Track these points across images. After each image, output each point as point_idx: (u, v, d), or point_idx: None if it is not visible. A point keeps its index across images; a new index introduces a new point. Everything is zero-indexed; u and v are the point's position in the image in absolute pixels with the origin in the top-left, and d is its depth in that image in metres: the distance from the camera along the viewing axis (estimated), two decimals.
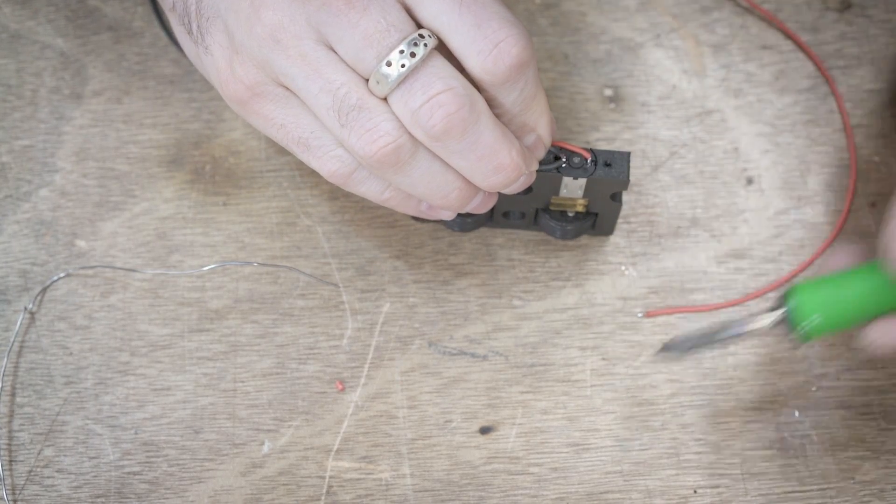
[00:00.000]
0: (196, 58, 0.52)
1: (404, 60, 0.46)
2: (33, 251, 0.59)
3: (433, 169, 0.49)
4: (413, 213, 0.53)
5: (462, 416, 0.56)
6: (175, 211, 0.60)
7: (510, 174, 0.49)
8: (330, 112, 0.47)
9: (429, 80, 0.46)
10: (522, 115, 0.49)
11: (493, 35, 0.46)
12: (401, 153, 0.47)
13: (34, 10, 0.64)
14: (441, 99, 0.46)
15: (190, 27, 0.51)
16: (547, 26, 0.64)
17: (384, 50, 0.46)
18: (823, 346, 0.57)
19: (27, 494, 0.54)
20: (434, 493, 0.54)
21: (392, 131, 0.47)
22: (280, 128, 0.50)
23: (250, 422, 0.56)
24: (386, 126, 0.47)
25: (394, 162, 0.48)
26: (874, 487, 0.55)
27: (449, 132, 0.46)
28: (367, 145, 0.47)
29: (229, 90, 0.50)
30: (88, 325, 0.57)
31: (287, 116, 0.50)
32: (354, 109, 0.47)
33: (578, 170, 0.53)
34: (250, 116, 0.50)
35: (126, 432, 0.55)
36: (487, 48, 0.46)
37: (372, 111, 0.47)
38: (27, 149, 0.61)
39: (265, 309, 0.58)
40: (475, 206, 0.52)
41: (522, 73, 0.47)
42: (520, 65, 0.46)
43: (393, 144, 0.47)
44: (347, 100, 0.47)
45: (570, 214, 0.57)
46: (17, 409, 0.56)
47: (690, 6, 0.65)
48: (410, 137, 0.47)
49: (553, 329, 0.58)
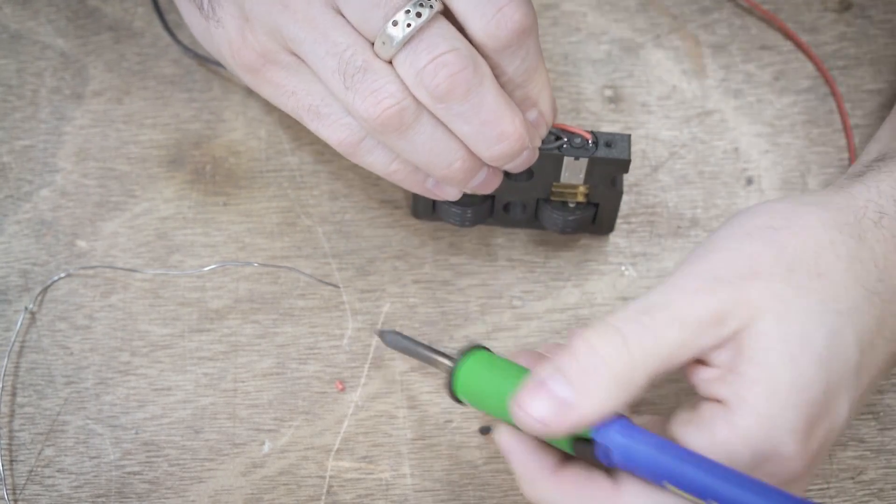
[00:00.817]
0: (206, 34, 0.52)
1: (410, 20, 0.46)
2: (34, 251, 0.59)
3: (436, 135, 0.49)
4: (420, 190, 0.53)
5: (462, 416, 0.56)
6: (175, 211, 0.60)
7: (513, 144, 0.49)
8: (335, 75, 0.48)
9: (433, 40, 0.47)
10: (525, 86, 0.49)
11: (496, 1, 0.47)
12: (404, 116, 0.48)
13: (35, 11, 0.64)
14: (445, 59, 0.46)
15: (201, 3, 0.52)
16: (547, 26, 0.64)
17: (390, 10, 0.46)
18: None
19: (28, 494, 0.54)
20: (434, 492, 0.55)
21: (396, 93, 0.47)
22: (291, 95, 0.51)
23: (251, 422, 0.56)
24: (390, 88, 0.47)
25: (397, 125, 0.48)
26: (874, 487, 0.55)
27: (452, 92, 0.47)
28: (370, 107, 0.47)
29: (241, 59, 0.50)
30: (89, 325, 0.57)
31: (298, 83, 0.50)
32: (359, 71, 0.47)
33: (580, 149, 0.53)
34: (262, 85, 0.51)
35: (126, 432, 0.55)
36: (490, 12, 0.47)
37: (377, 73, 0.47)
38: (28, 149, 0.61)
39: (265, 309, 0.58)
40: (479, 184, 0.52)
41: (524, 40, 0.47)
42: (522, 30, 0.47)
43: (396, 106, 0.47)
44: (353, 62, 0.47)
45: (570, 205, 0.57)
46: (17, 408, 0.56)
47: (690, 7, 0.65)
48: (414, 100, 0.48)
49: (553, 329, 0.58)
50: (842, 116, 0.62)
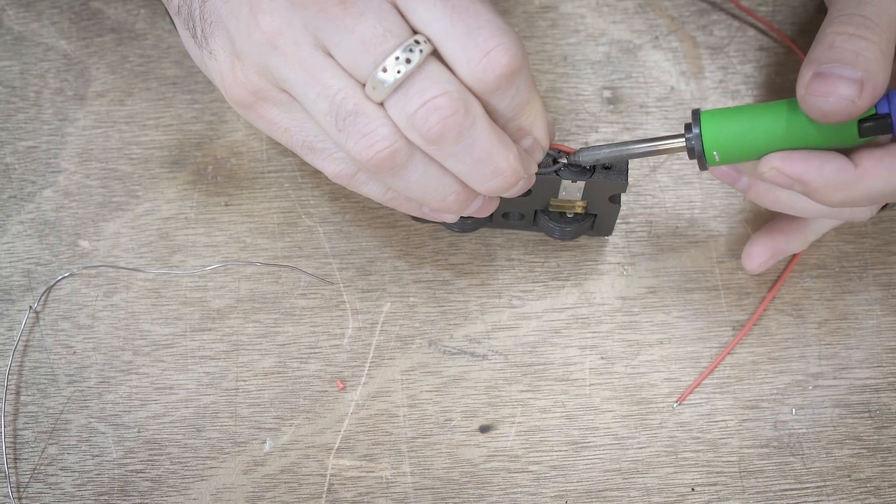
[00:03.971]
0: (201, 62, 0.52)
1: (400, 66, 0.46)
2: (37, 251, 0.59)
3: (430, 173, 0.49)
4: (416, 213, 0.53)
5: (462, 414, 0.56)
6: (177, 211, 0.60)
7: (508, 179, 0.49)
8: (328, 118, 0.48)
9: (424, 84, 0.46)
10: (517, 119, 0.49)
11: (483, 44, 0.46)
12: (397, 157, 0.48)
13: (38, 13, 0.64)
14: (437, 103, 0.46)
15: (195, 31, 0.51)
16: (546, 28, 0.65)
17: (381, 56, 0.46)
18: (821, 345, 0.58)
19: (31, 492, 0.54)
20: (434, 490, 0.55)
21: (388, 136, 0.47)
22: (285, 131, 0.50)
23: (252, 420, 0.56)
24: (382, 131, 0.47)
25: (390, 166, 0.48)
26: (870, 485, 0.55)
27: (445, 135, 0.47)
28: (363, 150, 0.47)
29: (233, 95, 0.50)
30: (92, 325, 0.58)
31: (291, 121, 0.50)
32: (351, 115, 0.47)
33: (577, 173, 0.53)
34: (255, 121, 0.51)
35: (129, 431, 0.56)
36: (477, 57, 0.46)
37: (368, 116, 0.47)
38: (31, 150, 0.61)
39: (267, 308, 0.58)
40: (475, 211, 0.52)
41: (513, 81, 0.47)
42: (510, 73, 0.46)
43: (389, 149, 0.47)
44: (344, 105, 0.47)
45: (569, 215, 0.57)
46: (21, 407, 0.56)
47: (688, 8, 0.65)
48: (407, 142, 0.48)
49: (552, 328, 0.58)
50: None
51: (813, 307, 0.59)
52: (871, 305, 0.59)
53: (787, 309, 0.58)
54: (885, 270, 0.59)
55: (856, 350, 0.58)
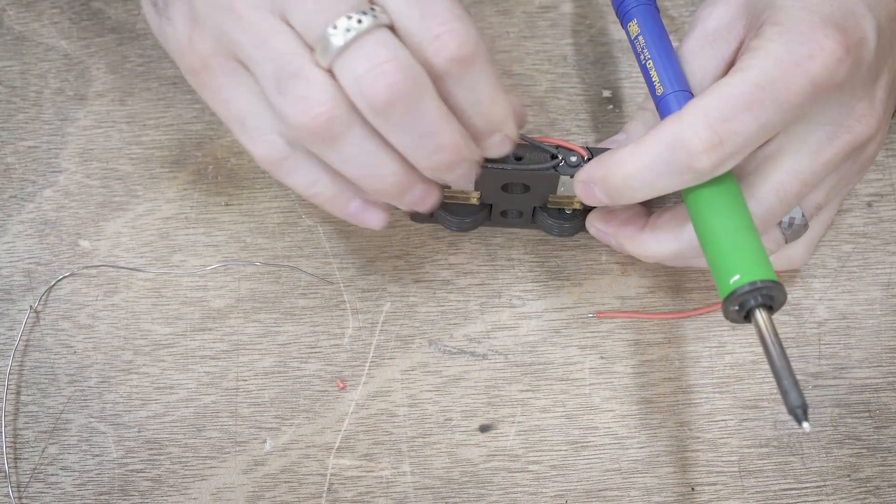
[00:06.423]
0: (159, 29, 0.51)
1: (350, 26, 0.45)
2: (37, 251, 0.59)
3: (368, 148, 0.48)
4: (343, 214, 0.51)
5: (462, 414, 0.56)
6: (178, 211, 0.60)
7: (451, 155, 0.48)
8: (271, 80, 0.47)
9: (375, 48, 0.45)
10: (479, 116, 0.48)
11: (435, 27, 0.45)
12: (333, 125, 0.46)
13: (38, 13, 0.65)
14: (386, 68, 0.45)
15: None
16: (546, 28, 0.65)
17: (333, 16, 0.45)
18: (820, 345, 0.58)
19: (32, 492, 0.54)
20: (434, 490, 0.55)
21: (326, 101, 0.46)
22: (224, 102, 0.50)
23: (252, 420, 0.56)
24: (321, 97, 0.46)
25: (326, 134, 0.47)
26: (870, 485, 0.55)
27: (392, 104, 0.45)
28: (299, 114, 0.46)
29: (186, 61, 0.50)
30: (92, 325, 0.58)
31: (233, 91, 0.49)
32: (293, 77, 0.46)
33: (575, 168, 0.53)
34: (202, 89, 0.50)
35: (129, 430, 0.56)
36: (428, 39, 0.46)
37: (310, 80, 0.46)
38: (31, 150, 0.61)
39: (267, 308, 0.58)
40: (414, 200, 0.50)
41: (464, 69, 0.46)
42: (459, 59, 0.46)
43: (326, 115, 0.46)
44: (287, 67, 0.46)
45: (567, 212, 0.57)
46: (21, 407, 0.56)
47: (688, 8, 0.65)
48: (346, 110, 0.46)
49: (552, 328, 0.58)
50: None
51: (812, 307, 0.59)
52: (870, 305, 0.59)
53: (787, 308, 0.58)
54: (885, 270, 0.59)
55: (855, 350, 0.58)
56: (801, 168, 0.50)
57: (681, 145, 0.47)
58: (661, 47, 0.53)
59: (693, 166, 0.48)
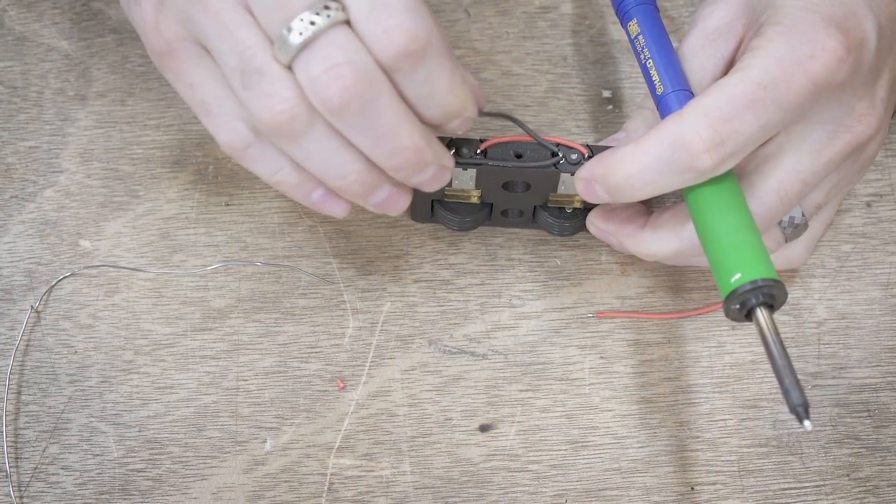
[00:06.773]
0: (128, 9, 0.51)
1: (304, 28, 0.45)
2: (38, 251, 0.59)
3: (331, 145, 0.47)
4: (305, 201, 0.51)
5: (462, 413, 0.56)
6: (178, 211, 0.60)
7: (409, 157, 0.48)
8: (235, 74, 0.47)
9: (330, 50, 0.45)
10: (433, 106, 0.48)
11: (384, 20, 0.45)
12: (295, 123, 0.46)
13: (39, 13, 0.65)
14: (339, 71, 0.45)
15: None
16: (546, 28, 0.65)
17: (290, 14, 0.45)
18: (819, 344, 0.58)
19: (32, 491, 0.55)
20: (434, 489, 0.55)
21: (289, 99, 0.46)
22: (188, 87, 0.49)
23: (252, 420, 0.56)
24: (283, 93, 0.46)
25: (288, 131, 0.47)
26: (869, 484, 0.55)
27: (346, 107, 0.45)
28: (263, 111, 0.46)
29: (153, 43, 0.49)
30: (93, 324, 0.58)
31: (197, 76, 0.49)
32: (256, 73, 0.46)
33: (576, 166, 0.54)
34: (167, 72, 0.50)
35: (130, 430, 0.56)
36: (376, 33, 0.45)
37: (272, 77, 0.46)
38: (32, 150, 0.61)
39: (267, 308, 0.58)
40: (382, 202, 0.50)
41: (416, 63, 0.46)
42: (408, 54, 0.45)
43: (288, 113, 0.46)
44: (251, 62, 0.46)
45: (568, 211, 0.57)
46: (22, 406, 0.56)
47: (688, 9, 0.65)
48: (308, 108, 0.46)
49: (552, 328, 0.58)
50: None
51: (812, 307, 0.59)
52: (869, 305, 0.59)
53: (786, 308, 0.58)
54: (884, 270, 0.60)
55: (855, 349, 0.58)
56: (801, 167, 0.50)
57: (682, 144, 0.48)
58: (661, 46, 0.53)
59: (694, 165, 0.48)
